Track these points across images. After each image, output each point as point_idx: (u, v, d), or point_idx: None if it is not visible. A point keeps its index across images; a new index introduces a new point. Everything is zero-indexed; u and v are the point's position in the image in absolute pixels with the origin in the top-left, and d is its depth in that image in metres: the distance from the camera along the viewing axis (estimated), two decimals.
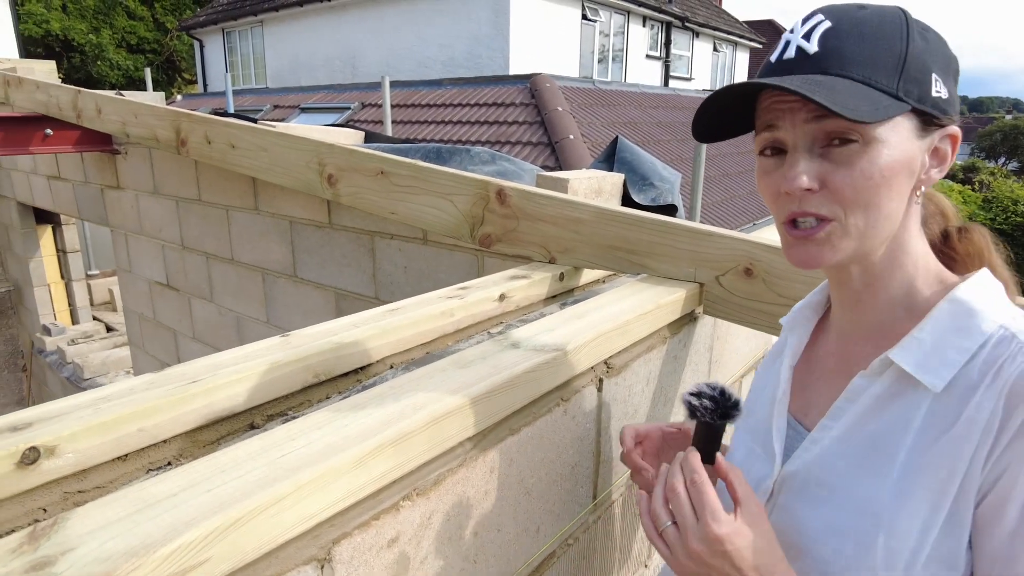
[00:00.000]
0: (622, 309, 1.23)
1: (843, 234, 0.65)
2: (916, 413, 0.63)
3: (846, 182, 0.63)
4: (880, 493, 0.63)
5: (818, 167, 0.64)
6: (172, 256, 3.27)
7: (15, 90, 3.69)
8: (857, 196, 0.63)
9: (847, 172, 0.63)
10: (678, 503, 0.66)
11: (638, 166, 2.08)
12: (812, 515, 0.68)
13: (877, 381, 0.67)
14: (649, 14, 13.47)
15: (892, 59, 0.62)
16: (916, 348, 0.65)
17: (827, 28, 0.64)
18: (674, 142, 8.81)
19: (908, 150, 0.63)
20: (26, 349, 5.62)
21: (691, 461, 0.67)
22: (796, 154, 0.65)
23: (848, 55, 0.63)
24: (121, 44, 22.65)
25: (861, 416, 0.68)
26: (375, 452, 0.71)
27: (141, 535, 0.56)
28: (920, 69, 0.63)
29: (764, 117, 0.67)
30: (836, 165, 0.63)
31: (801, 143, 0.65)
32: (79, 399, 0.85)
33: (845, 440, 0.68)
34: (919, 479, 0.62)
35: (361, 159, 1.97)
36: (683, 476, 0.67)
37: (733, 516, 0.64)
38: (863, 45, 0.63)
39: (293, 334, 1.07)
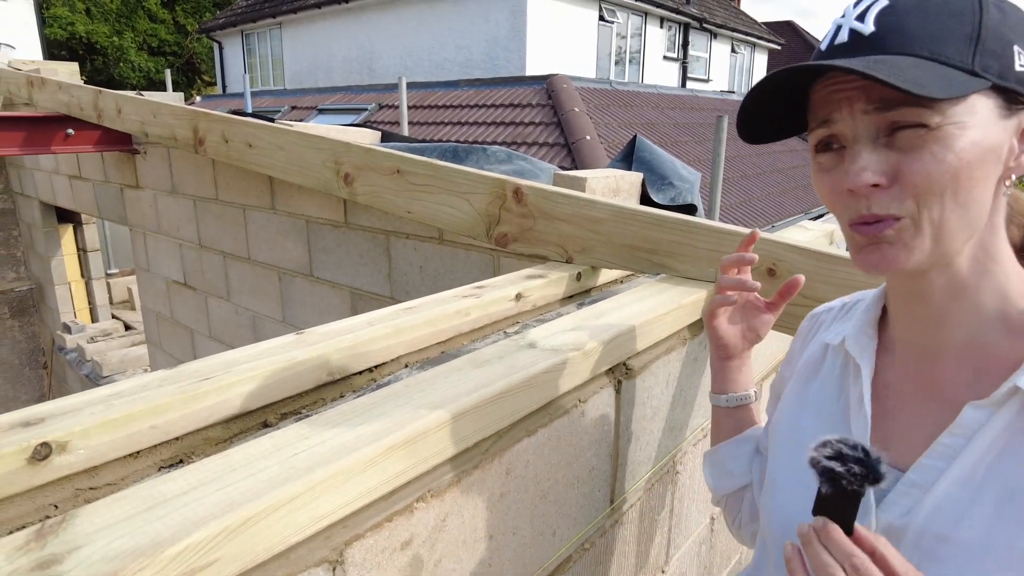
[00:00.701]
0: (641, 310, 1.20)
1: (916, 232, 0.57)
2: None
3: (916, 168, 0.55)
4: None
5: (884, 159, 0.57)
6: (189, 255, 3.29)
7: (38, 91, 3.74)
8: (931, 184, 0.55)
9: (917, 157, 0.55)
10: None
11: (657, 165, 2.06)
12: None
13: (998, 413, 0.58)
14: (667, 15, 13.40)
15: (964, 31, 0.55)
16: None
17: (884, 6, 0.58)
18: (692, 143, 8.74)
19: (990, 132, 0.56)
20: (47, 346, 5.70)
21: (837, 540, 0.53)
22: (857, 146, 0.58)
23: (911, 31, 0.56)
24: (142, 47, 22.99)
25: (984, 455, 0.58)
26: (389, 452, 0.69)
27: (150, 534, 0.55)
28: (999, 41, 0.55)
29: (818, 112, 0.61)
30: (904, 152, 0.56)
31: (863, 134, 0.58)
32: (92, 395, 0.84)
33: (968, 485, 0.58)
34: None
35: (377, 158, 1.96)
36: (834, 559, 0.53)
37: None
38: (927, 19, 0.56)
39: (307, 332, 1.06)
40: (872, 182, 0.57)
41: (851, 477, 0.54)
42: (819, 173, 0.63)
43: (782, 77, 0.60)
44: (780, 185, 9.28)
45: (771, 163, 9.94)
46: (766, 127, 0.67)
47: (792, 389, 0.80)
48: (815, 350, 0.79)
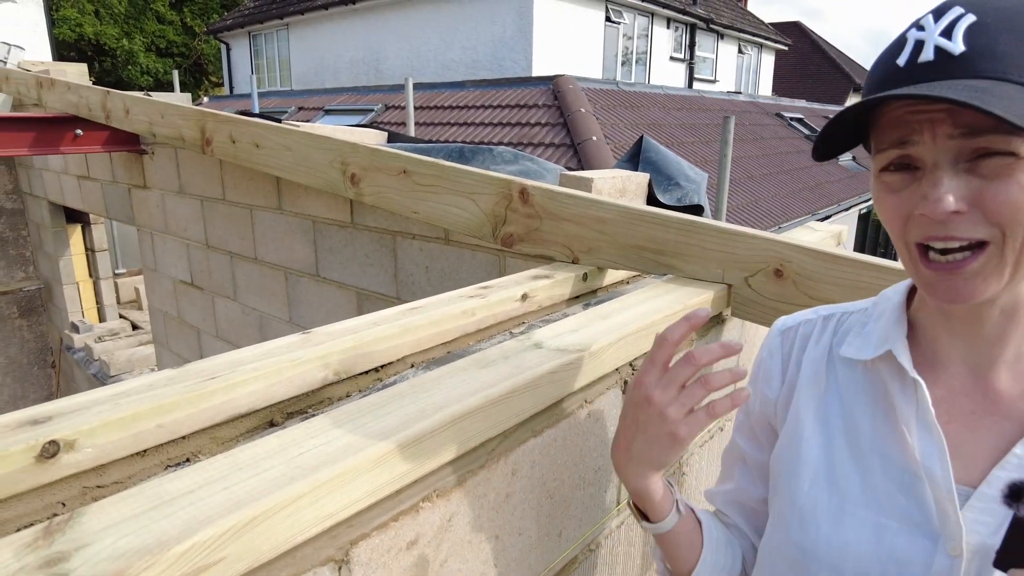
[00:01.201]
0: (648, 310, 1.20)
1: (997, 263, 0.55)
2: None
3: (1003, 198, 0.53)
4: None
5: (965, 184, 0.55)
6: (197, 255, 3.30)
7: (47, 91, 3.76)
8: (1018, 214, 0.53)
9: (1004, 186, 0.53)
10: None
11: (664, 166, 2.05)
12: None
13: None
14: (673, 16, 13.38)
15: None
16: None
17: (972, 22, 0.54)
18: (698, 144, 8.73)
19: None
20: (55, 346, 5.73)
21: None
22: (939, 172, 0.55)
23: (1005, 54, 0.53)
24: (150, 48, 23.11)
25: None
26: (396, 451, 0.69)
27: (156, 532, 0.55)
28: None
29: (893, 131, 0.58)
30: (988, 180, 0.54)
31: (944, 160, 0.55)
32: (99, 394, 0.84)
33: None
34: None
35: (384, 158, 1.96)
36: None
37: None
38: (1019, 42, 0.53)
39: (313, 332, 1.06)
40: (953, 209, 0.54)
41: None
42: (886, 193, 0.60)
43: (871, 104, 0.57)
44: (787, 186, 9.25)
45: (778, 164, 9.91)
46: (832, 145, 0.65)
47: (805, 413, 0.73)
48: (815, 367, 0.74)
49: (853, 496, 0.64)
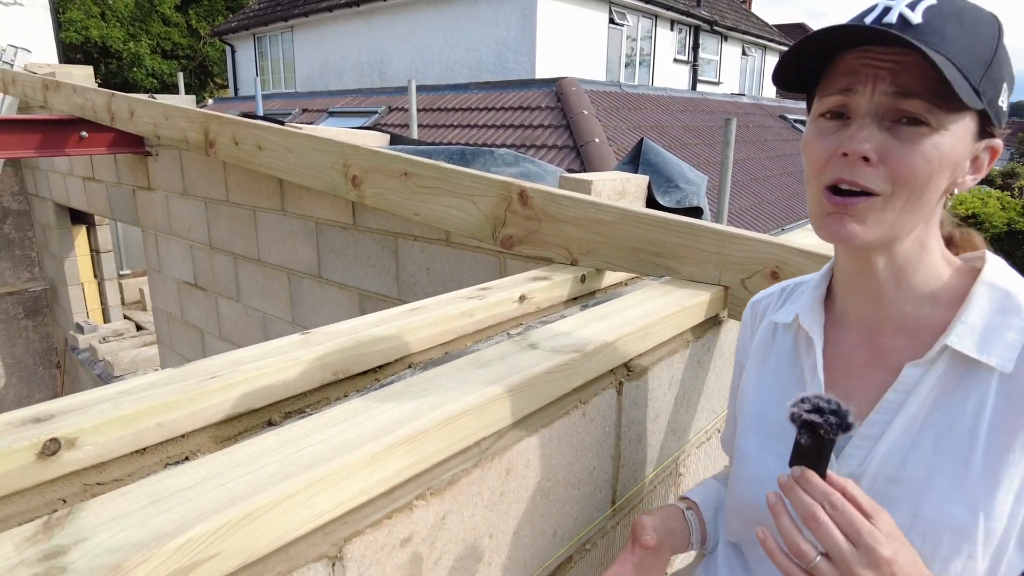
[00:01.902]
0: (644, 312, 1.21)
1: (880, 214, 0.64)
2: (987, 394, 0.65)
3: (907, 160, 0.62)
4: (969, 477, 0.64)
5: (882, 140, 0.63)
6: (200, 256, 3.32)
7: (53, 94, 3.79)
8: (912, 176, 0.62)
9: (909, 150, 0.62)
10: (825, 531, 0.58)
11: (663, 168, 2.06)
12: (896, 514, 0.64)
13: (931, 369, 0.67)
14: (677, 18, 13.38)
15: (983, 56, 0.62)
16: (969, 333, 0.66)
17: (931, 5, 0.63)
18: (701, 146, 8.72)
19: (963, 149, 0.64)
20: (60, 346, 5.76)
21: (816, 483, 0.60)
22: (866, 119, 0.64)
23: (949, 37, 0.61)
24: (156, 50, 23.21)
25: (920, 405, 0.67)
26: (389, 450, 0.70)
27: (153, 527, 0.56)
28: (999, 75, 0.63)
29: (841, 79, 0.65)
30: (900, 142, 0.63)
31: (871, 113, 0.64)
32: (101, 392, 0.85)
33: (909, 432, 0.68)
34: (1009, 455, 0.63)
35: (385, 160, 1.98)
36: (814, 499, 0.59)
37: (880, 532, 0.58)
38: (963, 32, 0.62)
39: (313, 332, 1.08)
40: (866, 154, 0.63)
41: (828, 426, 0.61)
42: (818, 136, 0.68)
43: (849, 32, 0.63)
44: (791, 188, 9.24)
45: (782, 166, 9.90)
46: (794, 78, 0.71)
47: (751, 371, 0.89)
48: (765, 332, 0.88)
49: (776, 436, 0.78)
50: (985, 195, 17.13)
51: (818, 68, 0.69)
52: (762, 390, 0.85)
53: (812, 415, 0.62)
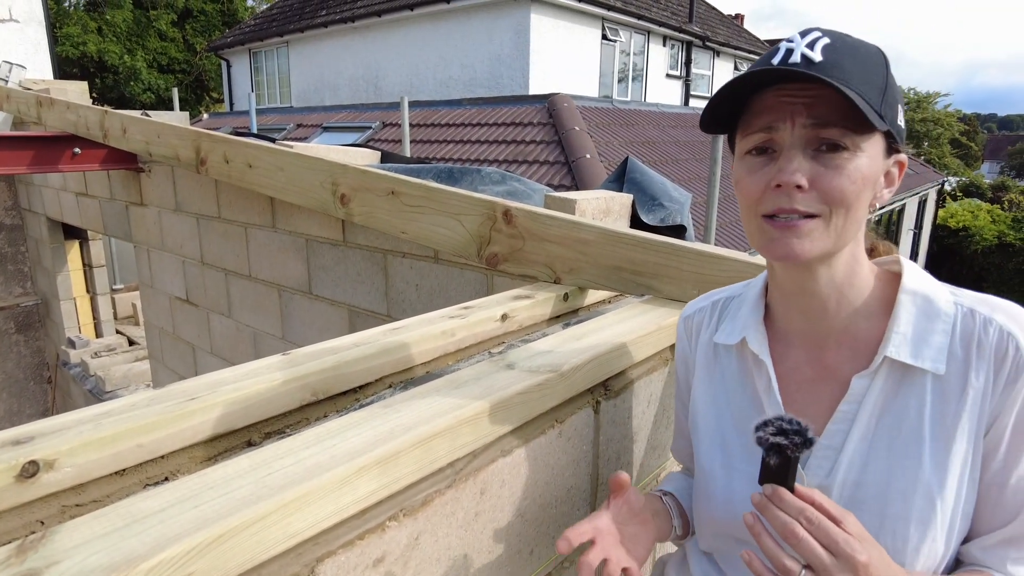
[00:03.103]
0: (623, 331, 1.23)
1: (824, 231, 0.70)
2: (925, 395, 0.72)
3: (835, 184, 0.68)
4: (922, 472, 0.70)
5: (810, 168, 0.69)
6: (192, 272, 3.33)
7: (47, 110, 3.82)
8: (843, 197, 0.69)
9: (836, 174, 0.68)
10: (806, 546, 0.62)
11: (647, 186, 2.09)
12: (864, 515, 0.70)
13: (875, 379, 0.74)
14: (669, 34, 13.52)
15: (879, 83, 0.69)
16: (903, 342, 0.72)
17: (827, 43, 0.70)
18: (692, 161, 8.79)
19: (878, 166, 0.71)
20: (51, 361, 5.74)
21: (789, 500, 0.65)
22: (793, 151, 0.70)
23: (848, 69, 0.68)
24: (152, 65, 23.30)
25: (871, 413, 0.74)
26: (361, 472, 0.72)
27: (125, 550, 0.58)
28: (894, 98, 0.71)
29: (763, 117, 0.71)
30: (826, 168, 0.69)
31: (798, 144, 0.70)
32: (82, 414, 0.87)
33: (866, 439, 0.74)
34: (952, 447, 0.70)
35: (373, 179, 2.00)
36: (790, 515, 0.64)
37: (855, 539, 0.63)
38: (858, 64, 0.69)
39: (293, 352, 1.09)
40: (799, 183, 0.69)
41: (794, 446, 0.65)
42: (748, 172, 0.74)
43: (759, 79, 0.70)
44: None
45: None
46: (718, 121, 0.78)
47: (698, 390, 0.93)
48: (706, 352, 0.92)
49: (737, 455, 0.83)
50: (976, 208, 17.25)
51: (736, 111, 0.75)
52: (715, 409, 0.89)
53: (778, 438, 0.66)
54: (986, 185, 25.27)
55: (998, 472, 0.70)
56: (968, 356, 0.70)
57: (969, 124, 35.79)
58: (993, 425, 0.70)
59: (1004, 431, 0.69)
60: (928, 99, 28.89)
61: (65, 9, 22.34)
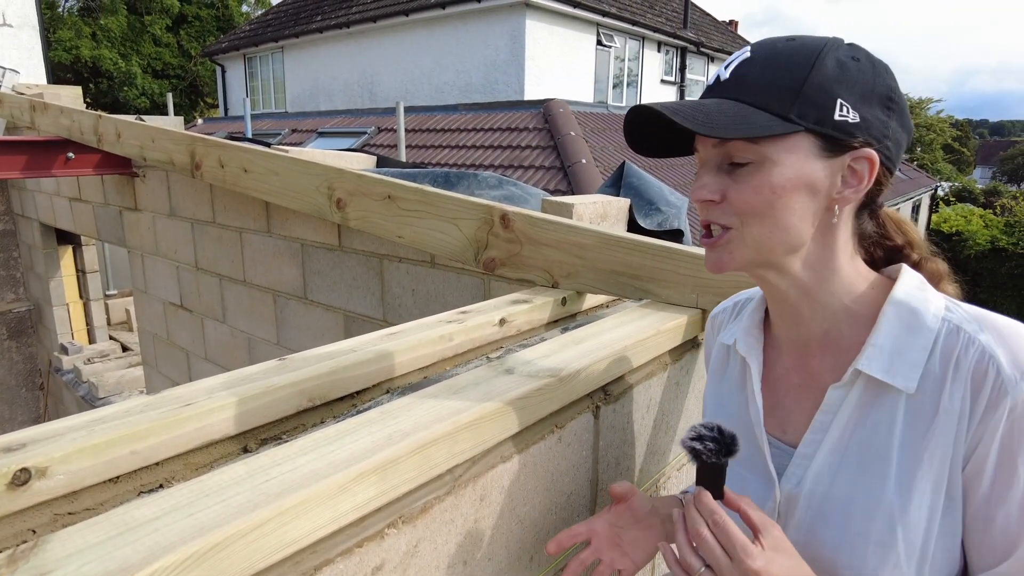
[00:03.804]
0: (621, 335, 1.22)
1: (740, 242, 0.71)
2: (896, 414, 0.69)
3: (740, 196, 0.69)
4: (886, 493, 0.68)
5: (719, 181, 0.71)
6: (187, 277, 3.31)
7: (40, 115, 3.80)
8: (750, 208, 0.69)
9: (742, 187, 0.69)
10: (707, 547, 0.66)
11: (644, 191, 2.09)
12: (828, 529, 0.71)
13: (851, 390, 0.72)
14: (664, 39, 13.58)
15: (789, 85, 0.67)
16: (878, 356, 0.70)
17: (745, 59, 0.71)
18: (688, 166, 8.82)
19: (806, 169, 0.68)
20: (44, 367, 5.70)
21: (706, 502, 0.67)
22: (703, 169, 0.73)
23: (749, 82, 0.69)
24: (147, 70, 23.27)
25: (845, 426, 0.72)
26: (359, 479, 0.70)
27: (119, 559, 0.56)
28: (821, 94, 0.67)
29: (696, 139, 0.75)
30: (735, 181, 0.70)
31: (711, 161, 0.72)
32: (74, 420, 0.85)
33: (837, 451, 0.72)
34: (918, 471, 0.67)
35: (369, 184, 1.99)
36: (703, 518, 0.67)
37: (760, 547, 0.64)
38: (765, 73, 0.69)
39: (289, 358, 1.08)
40: (705, 198, 0.72)
41: (708, 452, 0.68)
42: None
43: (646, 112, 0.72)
44: None
45: None
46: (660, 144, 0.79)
47: (709, 390, 0.93)
48: (720, 351, 0.93)
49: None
50: (968, 213, 17.36)
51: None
52: (719, 410, 0.89)
53: (694, 443, 0.69)
54: (979, 190, 25.43)
55: (982, 506, 0.66)
56: (944, 377, 0.67)
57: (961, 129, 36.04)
58: (973, 454, 0.66)
59: (984, 462, 0.65)
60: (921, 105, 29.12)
61: (59, 14, 22.31)
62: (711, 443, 0.68)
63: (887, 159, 0.70)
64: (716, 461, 0.68)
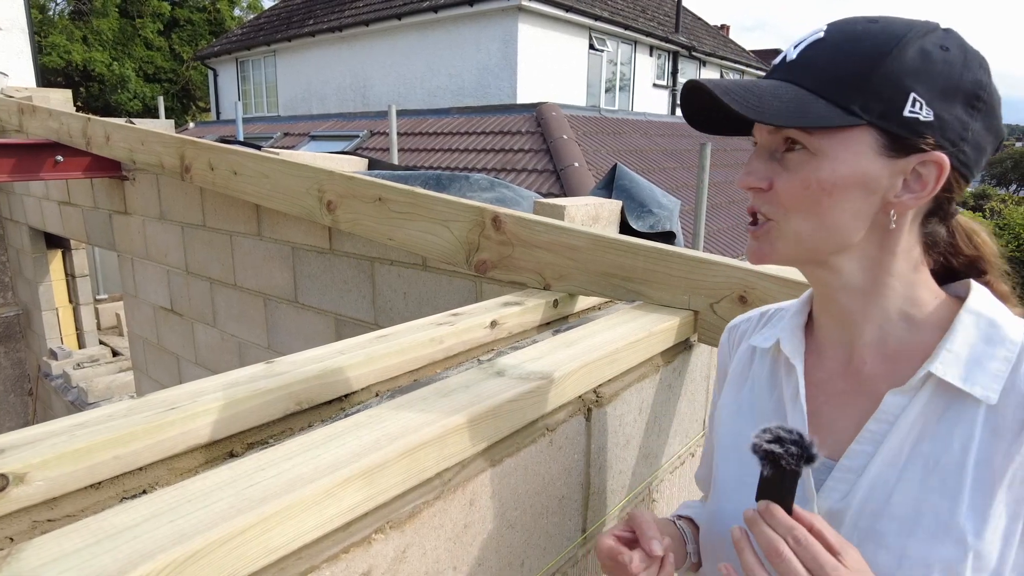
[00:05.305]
0: (613, 337, 1.21)
1: (779, 235, 0.67)
2: (974, 428, 0.62)
3: (785, 187, 0.65)
4: (957, 514, 0.61)
5: (769, 168, 0.67)
6: (177, 281, 3.29)
7: (29, 118, 3.76)
8: (794, 202, 0.65)
9: (788, 177, 0.65)
10: (789, 567, 0.57)
11: (636, 193, 2.08)
12: (881, 551, 0.63)
13: (915, 398, 0.65)
14: (656, 43, 13.63)
15: (857, 72, 0.61)
16: (955, 362, 0.64)
17: (817, 39, 0.65)
18: (680, 169, 8.84)
19: (862, 167, 0.62)
20: (33, 373, 5.64)
21: (780, 517, 0.59)
22: (756, 154, 0.69)
23: (813, 65, 0.64)
24: (139, 73, 23.18)
25: (905, 437, 0.65)
26: (345, 483, 0.69)
27: (96, 567, 0.55)
28: (892, 86, 0.60)
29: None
30: (784, 169, 0.66)
31: (764, 146, 0.68)
32: (55, 425, 0.84)
33: (895, 464, 0.65)
34: (997, 492, 0.61)
35: (360, 186, 1.98)
36: (779, 535, 0.59)
37: (846, 567, 0.57)
38: (834, 57, 0.63)
39: (277, 361, 1.06)
40: (750, 185, 0.68)
41: (790, 457, 0.59)
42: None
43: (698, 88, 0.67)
44: None
45: None
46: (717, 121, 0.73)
47: (727, 397, 0.86)
48: (743, 357, 0.86)
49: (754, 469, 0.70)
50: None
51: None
52: (739, 415, 0.82)
53: (773, 445, 0.60)
54: (968, 193, 25.63)
55: None
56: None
57: None
58: None
59: None
60: None
61: (50, 18, 22.20)
62: (793, 447, 0.59)
63: (962, 164, 0.63)
64: (796, 468, 0.60)
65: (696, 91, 0.67)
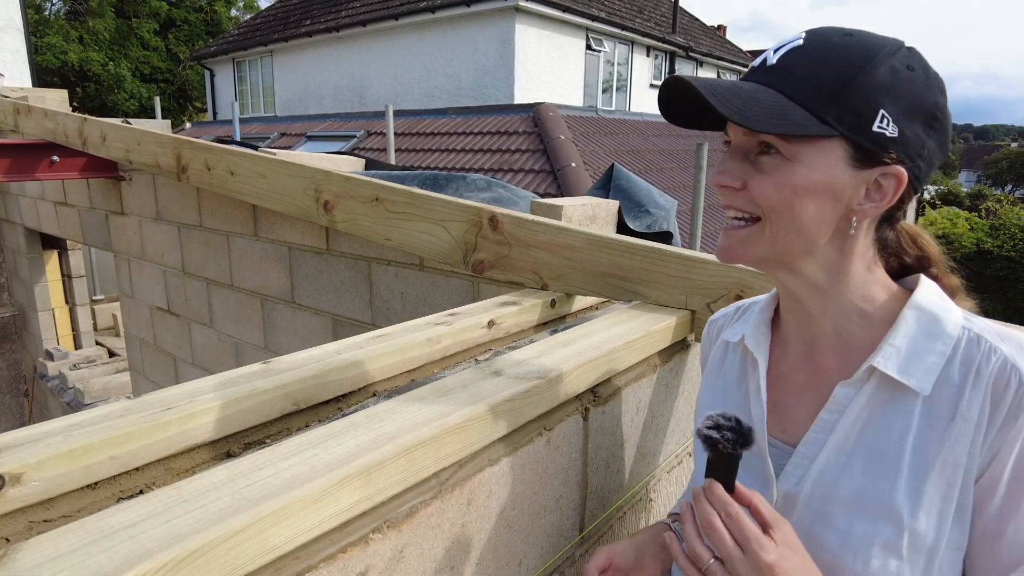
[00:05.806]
0: (610, 337, 1.21)
1: (758, 237, 0.70)
2: (911, 417, 0.67)
3: (759, 188, 0.68)
4: (895, 496, 0.66)
5: (743, 169, 0.69)
6: (173, 281, 3.28)
7: (24, 118, 3.75)
8: (767, 202, 0.68)
9: (762, 179, 0.68)
10: (719, 538, 0.63)
11: (633, 193, 2.08)
12: (829, 531, 0.69)
13: (861, 389, 0.70)
14: (653, 44, 13.65)
15: (832, 84, 0.64)
16: (895, 355, 0.68)
17: (796, 46, 0.68)
18: (676, 169, 8.85)
19: (832, 176, 0.66)
20: (28, 374, 5.63)
21: (718, 493, 0.65)
22: (730, 154, 0.71)
23: (792, 72, 0.66)
24: (135, 74, 23.12)
25: (852, 425, 0.70)
26: (342, 483, 0.69)
27: (92, 568, 0.55)
28: (865, 101, 0.63)
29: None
30: (757, 171, 0.68)
31: (738, 146, 0.70)
32: (51, 425, 0.83)
33: (842, 451, 0.70)
34: (929, 476, 0.66)
35: (357, 186, 1.98)
36: (715, 509, 0.65)
37: (773, 541, 0.63)
38: (812, 65, 0.65)
39: (274, 361, 1.06)
40: (725, 183, 0.70)
41: (726, 442, 0.65)
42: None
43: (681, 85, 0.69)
44: None
45: None
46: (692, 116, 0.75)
47: (704, 390, 0.92)
48: (718, 351, 0.91)
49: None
50: (954, 216, 17.53)
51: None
52: (713, 408, 0.85)
53: (712, 431, 0.66)
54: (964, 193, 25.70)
55: (993, 520, 0.65)
56: (964, 384, 0.65)
57: None
58: (989, 466, 0.64)
59: (1001, 474, 0.63)
60: None
61: (46, 18, 22.15)
62: (729, 432, 0.65)
63: (916, 178, 0.68)
64: (732, 452, 0.66)
65: (679, 86, 0.69)
